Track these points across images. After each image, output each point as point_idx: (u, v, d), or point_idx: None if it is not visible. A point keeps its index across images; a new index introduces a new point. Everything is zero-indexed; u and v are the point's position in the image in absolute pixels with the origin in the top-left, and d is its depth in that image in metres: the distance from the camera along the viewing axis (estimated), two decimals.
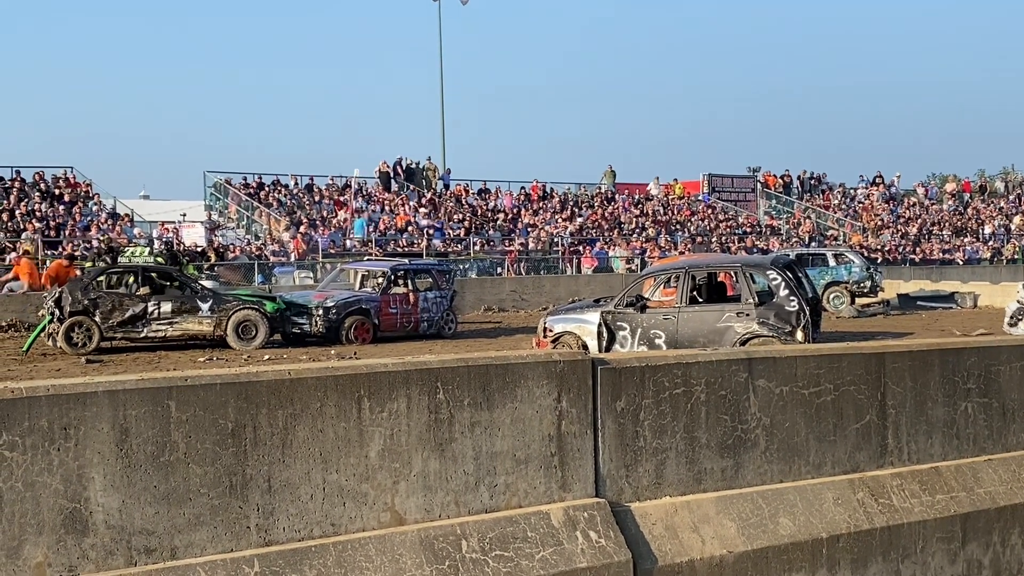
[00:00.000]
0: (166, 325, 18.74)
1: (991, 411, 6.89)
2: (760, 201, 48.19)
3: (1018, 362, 7.03)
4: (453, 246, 34.52)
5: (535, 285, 31.93)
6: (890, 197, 50.94)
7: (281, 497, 4.62)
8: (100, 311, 18.21)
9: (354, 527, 4.79)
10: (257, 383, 4.58)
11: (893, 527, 6.14)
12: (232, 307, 19.04)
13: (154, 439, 4.35)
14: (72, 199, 31.51)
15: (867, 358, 6.40)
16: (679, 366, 5.73)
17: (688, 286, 15.13)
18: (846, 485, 6.18)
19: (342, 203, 36.39)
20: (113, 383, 4.33)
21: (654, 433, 5.61)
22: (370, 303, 20.42)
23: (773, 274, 14.78)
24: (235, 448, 4.52)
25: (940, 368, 6.68)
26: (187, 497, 4.42)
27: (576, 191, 44.85)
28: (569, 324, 15.88)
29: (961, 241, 46.22)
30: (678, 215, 43.27)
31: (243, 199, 35.61)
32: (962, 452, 6.75)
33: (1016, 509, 6.68)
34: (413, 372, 4.95)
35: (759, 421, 5.96)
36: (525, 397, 5.23)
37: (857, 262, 27.87)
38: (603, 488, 5.47)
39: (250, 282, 27.98)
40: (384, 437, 4.86)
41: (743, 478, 5.92)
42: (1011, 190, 56.85)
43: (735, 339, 14.24)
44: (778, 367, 6.05)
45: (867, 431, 6.35)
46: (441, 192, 40.19)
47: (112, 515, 4.29)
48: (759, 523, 5.76)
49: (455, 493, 5.05)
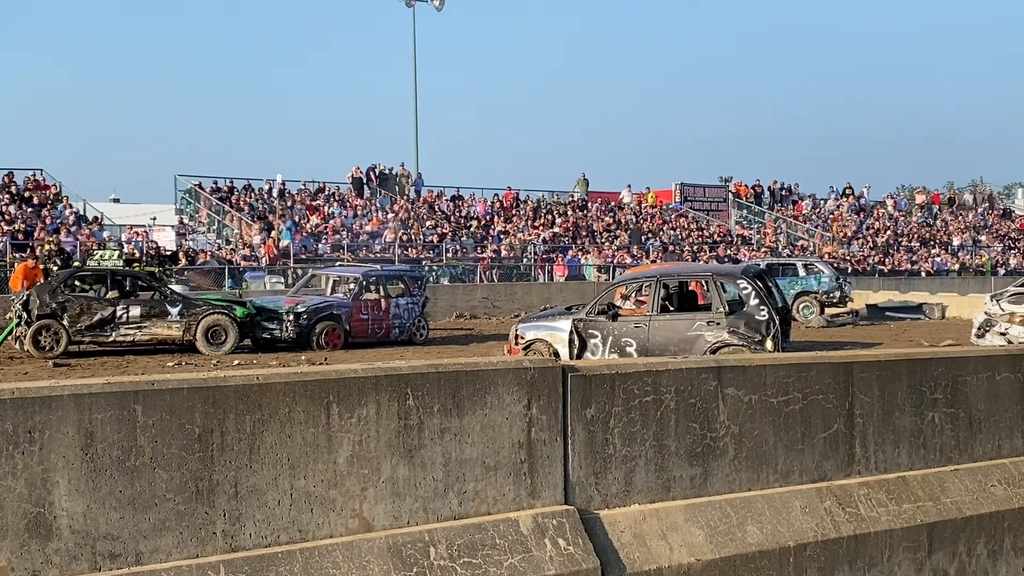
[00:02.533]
0: (135, 329, 18.60)
1: (958, 421, 6.94)
2: (731, 211, 48.44)
3: (985, 373, 7.09)
4: (425, 252, 34.47)
5: (507, 292, 31.92)
6: (859, 208, 51.34)
7: (248, 503, 4.59)
8: (68, 314, 18.07)
9: (321, 533, 4.76)
10: (225, 388, 4.55)
11: (860, 536, 6.17)
12: (202, 312, 18.94)
13: (120, 443, 4.32)
14: (41, 201, 31.24)
15: (835, 367, 6.43)
16: (649, 374, 5.74)
17: (659, 295, 15.17)
18: (814, 494, 6.21)
19: (314, 208, 36.27)
20: (79, 387, 4.29)
21: (624, 441, 5.62)
22: (341, 309, 20.36)
23: (744, 283, 14.84)
24: (202, 453, 4.49)
25: (908, 378, 6.72)
26: (153, 502, 4.39)
27: (549, 199, 44.92)
28: (541, 331, 15.89)
29: (929, 252, 46.60)
30: (650, 223, 43.39)
31: (214, 203, 35.43)
32: (929, 462, 6.79)
33: (982, 519, 6.73)
34: (383, 378, 4.94)
35: (728, 429, 5.97)
36: (495, 404, 5.23)
37: (827, 272, 28.01)
38: (572, 495, 5.47)
39: (220, 287, 27.83)
40: (353, 443, 4.84)
41: (712, 486, 5.93)
42: (979, 203, 57.43)
43: (706, 348, 14.28)
44: (747, 375, 6.07)
45: (835, 440, 6.38)
46: (413, 199, 40.14)
47: (76, 520, 4.25)
48: (727, 531, 5.78)
49: (424, 500, 5.04)
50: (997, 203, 59.25)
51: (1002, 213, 56.71)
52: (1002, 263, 47.04)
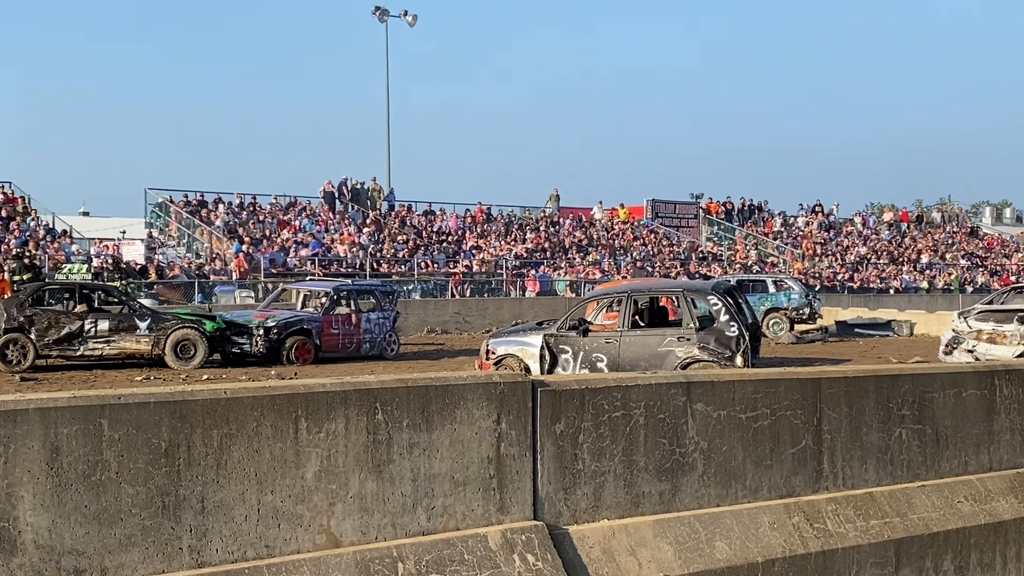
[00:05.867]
0: (103, 343, 18.44)
1: (925, 437, 6.99)
2: (702, 227, 48.65)
3: (952, 389, 7.15)
4: (397, 267, 34.40)
5: (479, 307, 31.90)
6: (829, 226, 51.71)
7: (215, 518, 4.56)
8: (36, 328, 17.89)
9: (289, 549, 4.74)
10: (192, 402, 4.53)
11: (828, 552, 6.20)
12: (171, 326, 18.80)
13: (86, 458, 4.28)
14: (9, 214, 30.96)
15: (803, 383, 6.47)
16: (619, 389, 5.75)
17: (630, 310, 15.21)
18: (782, 509, 6.23)
19: (285, 222, 36.14)
20: (45, 400, 4.26)
21: (593, 456, 5.62)
22: (312, 323, 20.27)
23: (714, 299, 14.90)
24: (168, 468, 4.46)
25: (875, 394, 6.76)
26: (118, 517, 4.35)
27: (521, 214, 44.98)
28: (512, 347, 15.89)
29: (898, 270, 46.95)
30: (622, 239, 43.51)
31: (184, 217, 35.23)
32: (896, 478, 6.84)
33: (949, 535, 6.77)
34: (352, 392, 4.92)
35: (697, 445, 5.99)
36: (465, 419, 5.22)
37: (796, 289, 28.18)
38: (541, 511, 5.47)
39: (190, 301, 27.66)
40: (321, 458, 4.82)
41: (681, 502, 5.94)
42: (947, 221, 57.99)
43: (676, 363, 14.33)
44: (716, 391, 6.09)
45: (803, 456, 6.41)
46: (386, 213, 40.08)
47: (41, 534, 4.21)
48: (696, 547, 5.79)
49: (392, 515, 5.02)
50: (964, 221, 59.86)
51: (969, 231, 57.29)
52: (969, 281, 47.48)
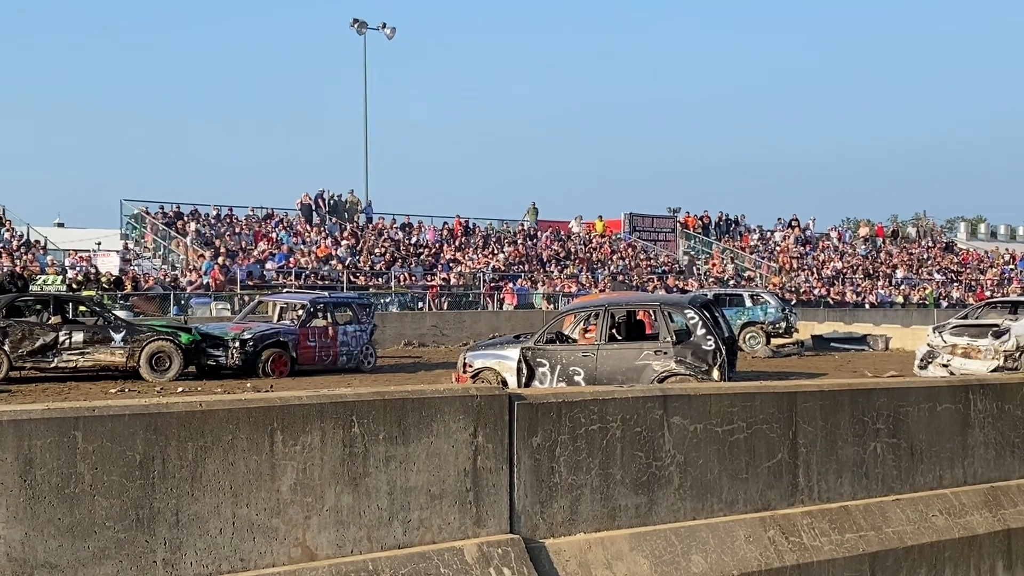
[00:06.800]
0: (77, 355, 18.31)
1: (900, 451, 7.02)
2: (680, 241, 48.83)
3: (926, 403, 7.19)
4: (374, 280, 34.34)
5: (456, 320, 31.86)
6: (805, 240, 51.99)
7: (189, 531, 4.54)
8: (9, 340, 17.75)
9: (264, 562, 4.71)
10: (167, 414, 4.50)
11: (803, 565, 6.21)
12: (146, 338, 18.69)
13: (59, 470, 4.25)
14: None
15: (779, 397, 6.49)
16: (595, 402, 5.75)
17: (607, 324, 15.23)
18: (758, 523, 6.25)
19: (262, 234, 36.04)
20: (18, 412, 4.23)
21: (569, 469, 5.62)
22: (288, 336, 20.20)
23: (691, 313, 14.94)
24: (143, 480, 4.43)
25: (850, 408, 6.79)
26: (92, 530, 4.32)
27: (499, 227, 45.02)
28: (489, 360, 15.87)
29: (873, 284, 47.23)
30: (599, 253, 43.61)
31: (160, 228, 35.07)
32: (871, 491, 6.87)
33: (923, 549, 6.80)
34: (327, 405, 4.91)
35: (673, 458, 6.00)
36: (441, 432, 5.21)
37: (773, 303, 28.32)
38: (518, 524, 5.46)
39: (165, 312, 27.51)
40: (297, 471, 4.80)
41: (657, 515, 5.95)
42: (922, 236, 58.40)
43: (653, 377, 14.33)
44: (693, 404, 6.11)
45: (779, 469, 6.43)
46: (363, 225, 40.03)
47: (14, 547, 4.17)
48: (672, 560, 5.79)
49: (368, 528, 5.00)
50: (940, 237, 60.30)
51: (945, 247, 57.71)
52: (945, 296, 47.79)
